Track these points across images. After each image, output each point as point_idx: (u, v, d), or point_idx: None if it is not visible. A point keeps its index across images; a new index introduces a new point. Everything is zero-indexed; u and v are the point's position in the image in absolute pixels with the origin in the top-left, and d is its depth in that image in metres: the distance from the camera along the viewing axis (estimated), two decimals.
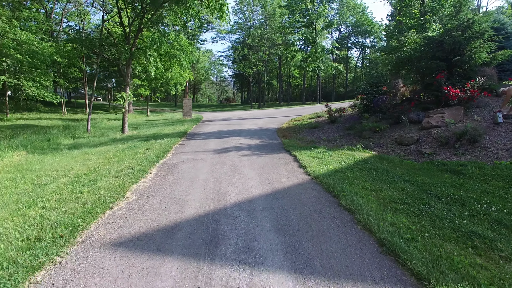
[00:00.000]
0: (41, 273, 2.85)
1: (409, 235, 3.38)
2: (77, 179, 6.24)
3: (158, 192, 5.19)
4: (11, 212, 4.56)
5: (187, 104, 20.02)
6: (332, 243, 3.34)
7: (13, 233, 3.70)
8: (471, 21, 9.34)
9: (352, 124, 11.37)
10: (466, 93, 8.82)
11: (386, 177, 5.72)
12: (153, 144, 9.89)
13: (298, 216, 4.05)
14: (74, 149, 10.53)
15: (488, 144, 6.94)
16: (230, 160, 7.43)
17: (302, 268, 2.87)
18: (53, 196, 5.19)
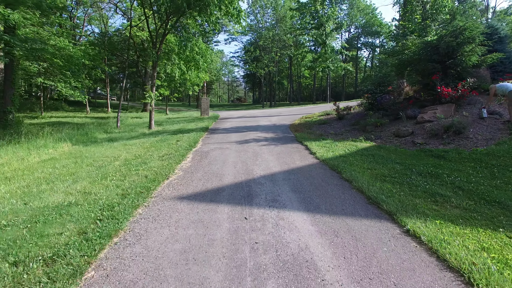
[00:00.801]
0: (139, 210, 4.31)
1: (389, 194, 4.73)
2: (128, 162, 7.75)
3: (199, 169, 6.64)
4: (90, 182, 6.07)
5: (204, 103, 21.55)
6: (333, 198, 4.71)
7: (104, 192, 5.19)
8: (463, 28, 10.52)
9: (358, 120, 12.64)
10: (458, 92, 10.01)
11: (381, 160, 7.05)
12: (181, 137, 11.39)
13: (309, 184, 5.44)
14: (111, 142, 12.09)
15: (471, 135, 8.18)
16: (251, 148, 8.85)
17: (312, 210, 4.26)
18: (116, 173, 6.69)
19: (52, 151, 10.74)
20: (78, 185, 5.82)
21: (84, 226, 3.76)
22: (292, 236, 3.46)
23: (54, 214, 4.26)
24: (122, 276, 2.75)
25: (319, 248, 3.19)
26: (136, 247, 3.26)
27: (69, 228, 3.70)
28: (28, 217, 4.20)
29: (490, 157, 6.67)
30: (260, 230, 3.62)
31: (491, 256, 2.95)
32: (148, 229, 3.71)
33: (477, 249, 3.07)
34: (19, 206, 4.76)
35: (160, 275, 2.75)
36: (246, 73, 60.72)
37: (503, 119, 8.85)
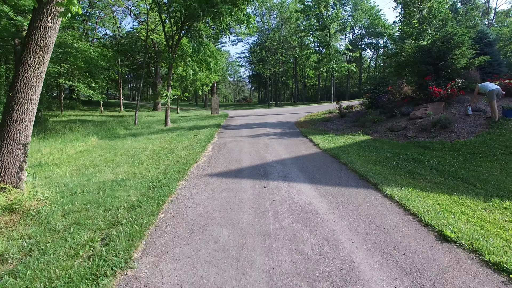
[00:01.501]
0: (181, 182, 5.58)
1: (377, 172, 5.94)
2: (157, 152, 9.03)
3: (220, 156, 7.90)
4: (130, 166, 7.34)
5: (214, 102, 22.84)
6: (332, 175, 5.94)
7: (147, 172, 6.47)
8: (453, 34, 11.66)
9: (358, 118, 13.82)
10: (447, 92, 11.16)
11: (375, 150, 8.25)
12: (198, 132, 12.67)
13: (313, 166, 6.67)
14: (134, 136, 13.40)
15: (455, 129, 9.34)
16: (262, 141, 10.10)
17: (315, 182, 5.49)
18: (150, 159, 7.96)
19: (83, 144, 12.09)
20: (121, 168, 7.11)
21: (143, 191, 5.04)
22: (299, 197, 4.70)
23: (115, 185, 5.55)
24: (183, 217, 4.01)
25: (319, 203, 4.42)
26: (187, 202, 4.53)
27: (133, 193, 4.98)
28: (95, 187, 5.49)
29: (467, 147, 7.84)
30: (276, 193, 4.86)
31: (441, 207, 4.16)
32: (192, 193, 4.97)
33: (433, 204, 4.28)
34: (82, 181, 6.06)
35: (209, 216, 4.01)
36: (252, 73, 61.99)
37: (485, 116, 9.99)
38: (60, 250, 3.16)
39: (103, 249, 3.11)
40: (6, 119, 4.73)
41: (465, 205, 4.31)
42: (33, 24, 4.93)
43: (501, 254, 2.91)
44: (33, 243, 3.39)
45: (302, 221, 3.80)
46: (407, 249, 3.11)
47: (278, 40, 44.47)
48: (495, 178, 5.59)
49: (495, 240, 3.20)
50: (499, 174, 5.82)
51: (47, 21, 4.97)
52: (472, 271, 2.73)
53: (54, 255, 3.07)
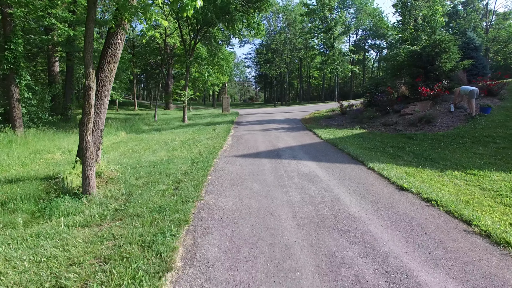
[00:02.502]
0: (215, 160, 7.33)
1: (365, 154, 7.63)
2: (185, 142, 10.79)
3: (240, 144, 9.65)
4: (167, 151, 9.11)
5: (225, 101, 24.63)
6: (330, 156, 7.65)
7: (184, 154, 8.23)
8: (440, 41, 13.28)
9: (357, 115, 15.47)
10: (434, 92, 12.77)
11: (367, 140, 9.94)
12: (215, 127, 14.44)
13: (315, 150, 8.40)
14: (158, 131, 15.20)
15: (438, 124, 10.98)
16: (273, 133, 11.84)
17: (317, 160, 7.20)
18: (181, 147, 9.72)
19: (115, 137, 13.91)
20: (160, 153, 8.88)
21: (189, 165, 6.80)
22: (305, 168, 6.43)
23: (164, 162, 7.32)
24: (225, 178, 5.76)
25: (319, 171, 6.15)
26: (224, 171, 6.28)
27: (181, 166, 6.74)
28: (148, 164, 7.26)
29: (444, 137, 9.50)
30: (287, 166, 6.60)
31: (407, 174, 5.86)
32: (226, 166, 6.73)
33: (401, 172, 5.98)
34: (135, 161, 7.83)
35: (242, 178, 5.76)
36: (258, 74, 63.77)
37: (465, 112, 11.60)
38: (149, 194, 4.92)
39: (179, 192, 4.88)
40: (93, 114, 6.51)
41: (425, 173, 6.01)
42: (108, 41, 6.68)
43: (433, 194, 4.61)
44: (127, 192, 5.15)
45: (307, 180, 5.54)
46: (375, 193, 4.82)
47: (284, 42, 46.17)
48: (456, 158, 7.27)
49: (433, 189, 4.91)
50: (460, 156, 7.49)
51: (118, 39, 6.73)
52: (412, 202, 4.45)
53: (147, 196, 4.83)
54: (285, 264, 2.84)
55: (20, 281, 2.61)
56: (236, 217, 3.92)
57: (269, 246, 3.17)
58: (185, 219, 3.76)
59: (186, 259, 2.93)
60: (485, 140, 8.64)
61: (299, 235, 3.39)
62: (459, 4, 43.39)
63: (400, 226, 3.65)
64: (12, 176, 6.64)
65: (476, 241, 3.27)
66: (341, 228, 3.59)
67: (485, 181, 5.41)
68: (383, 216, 3.94)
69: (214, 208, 4.25)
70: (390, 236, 3.38)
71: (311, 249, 3.09)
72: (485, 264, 2.84)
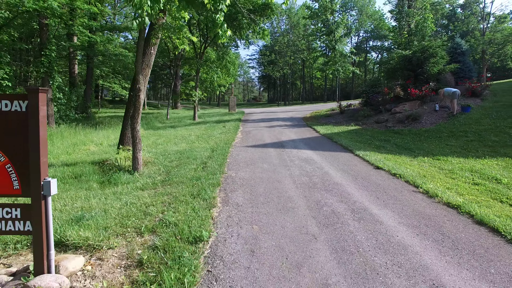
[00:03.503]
0: (230, 149, 8.90)
1: (355, 145, 9.15)
2: (200, 136, 12.35)
3: (249, 138, 11.20)
4: (187, 144, 10.66)
5: (232, 101, 26.21)
6: (325, 147, 9.18)
7: (203, 145, 9.79)
8: (429, 46, 14.75)
9: (353, 114, 16.97)
10: (422, 92, 14.24)
11: (359, 134, 11.45)
12: (225, 124, 16.00)
13: (314, 142, 9.93)
14: (173, 128, 16.77)
15: (423, 121, 12.45)
16: (277, 129, 13.38)
17: (314, 149, 8.74)
18: (198, 140, 11.28)
19: None
20: (181, 145, 10.45)
21: (209, 152, 8.36)
22: (304, 155, 7.97)
23: (187, 151, 8.88)
24: (240, 160, 7.31)
25: (315, 157, 7.68)
26: (239, 156, 7.84)
27: (204, 153, 8.30)
28: (174, 152, 8.81)
29: (426, 132, 10.99)
30: (289, 153, 8.14)
31: (385, 159, 7.37)
32: (240, 153, 8.29)
33: (380, 157, 7.49)
34: (162, 150, 9.40)
35: (254, 160, 7.30)
36: (261, 75, 65.33)
37: (449, 111, 13.06)
38: (184, 170, 6.47)
39: (208, 169, 6.44)
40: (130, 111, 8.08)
41: (400, 159, 7.52)
42: (144, 52, 8.21)
43: (399, 171, 6.13)
44: (166, 170, 6.71)
45: (305, 162, 7.08)
46: (356, 170, 6.35)
47: (287, 43, 47.68)
48: (430, 148, 8.77)
49: (401, 168, 6.43)
50: (434, 147, 8.99)
51: (151, 50, 8.26)
52: (382, 175, 5.97)
53: (183, 171, 6.38)
54: (287, 205, 4.39)
55: (120, 213, 4.16)
56: (253, 183, 5.48)
57: (277, 197, 4.72)
58: (217, 183, 5.33)
59: (223, 202, 4.49)
60: (459, 134, 10.12)
61: (297, 192, 4.94)
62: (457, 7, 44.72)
63: (368, 188, 5.18)
64: (65, 162, 8.22)
65: (417, 196, 4.80)
66: (326, 188, 5.13)
67: (445, 164, 6.91)
68: (358, 183, 5.47)
69: (236, 178, 5.81)
70: (360, 193, 4.91)
71: (304, 199, 4.64)
72: (418, 206, 4.36)
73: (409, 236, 3.45)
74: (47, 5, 11.50)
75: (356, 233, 3.50)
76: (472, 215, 3.97)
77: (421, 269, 2.81)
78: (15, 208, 2.57)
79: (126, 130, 8.44)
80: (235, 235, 3.47)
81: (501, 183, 5.45)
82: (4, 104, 2.49)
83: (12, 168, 2.54)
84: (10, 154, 2.54)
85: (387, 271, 2.78)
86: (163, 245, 3.16)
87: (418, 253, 3.09)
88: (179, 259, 2.87)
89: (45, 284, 2.39)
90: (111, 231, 3.55)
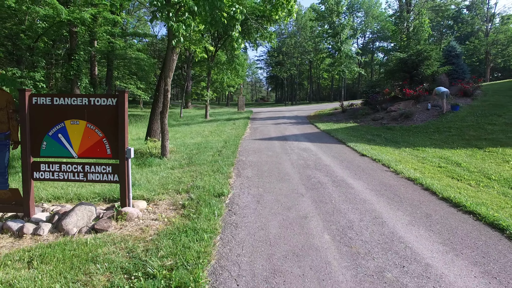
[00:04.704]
0: (240, 141, 10.35)
1: (349, 139, 10.51)
2: (213, 132, 13.83)
3: (256, 133, 12.64)
4: (202, 138, 12.14)
5: (241, 101, 27.70)
6: (322, 140, 10.56)
7: (217, 138, 11.28)
8: (423, 50, 15.96)
9: (354, 112, 18.26)
10: (416, 93, 15.47)
11: (355, 130, 12.78)
12: (235, 122, 17.48)
13: (314, 137, 11.32)
14: (187, 125, 18.29)
15: (414, 119, 13.71)
16: (282, 126, 14.80)
17: (312, 142, 10.13)
18: (212, 135, 12.76)
19: None
20: (197, 138, 11.94)
21: (223, 143, 9.82)
22: (303, 145, 9.38)
23: (204, 143, 10.36)
24: (249, 149, 8.76)
25: (313, 148, 9.08)
26: (248, 146, 9.29)
27: (218, 144, 9.77)
28: (192, 144, 10.30)
29: (415, 128, 12.27)
30: (291, 144, 9.56)
31: (372, 149, 8.72)
32: (249, 144, 9.73)
33: (368, 148, 8.85)
34: (181, 142, 10.89)
35: (261, 149, 8.74)
36: (269, 75, 66.75)
37: (440, 110, 14.28)
38: (203, 156, 7.94)
39: (223, 155, 7.90)
40: (157, 107, 9.61)
41: (385, 149, 8.86)
42: (166, 58, 9.71)
43: (379, 157, 7.48)
44: (188, 156, 8.19)
45: (303, 151, 8.49)
46: (344, 157, 7.73)
47: (294, 45, 48.98)
48: (414, 141, 10.08)
49: (383, 155, 7.78)
50: (419, 140, 10.28)
51: (174, 56, 9.74)
52: (365, 160, 7.34)
53: (203, 157, 7.85)
54: (285, 177, 5.82)
55: (160, 182, 5.63)
56: (259, 164, 6.92)
57: (277, 173, 6.15)
58: (231, 164, 6.79)
59: (236, 175, 5.95)
60: (443, 130, 11.38)
61: (293, 170, 6.37)
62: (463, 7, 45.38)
63: (350, 168, 6.57)
64: None
65: (387, 173, 6.17)
66: (317, 168, 6.54)
67: (422, 153, 8.25)
68: (343, 165, 6.86)
69: (246, 161, 7.27)
70: (342, 171, 6.31)
71: (298, 174, 6.06)
72: (384, 179, 5.74)
73: (370, 195, 4.85)
74: (80, 16, 13.12)
75: (332, 193, 4.91)
76: (423, 185, 5.34)
77: (371, 211, 4.22)
78: (108, 166, 4.06)
79: (152, 124, 9.99)
80: (246, 193, 4.93)
81: (460, 166, 6.78)
82: (102, 100, 3.98)
83: (107, 141, 4.03)
84: (105, 132, 4.02)
85: (348, 211, 4.19)
86: (196, 197, 4.62)
87: (372, 203, 4.49)
88: (209, 204, 4.32)
89: (129, 210, 3.88)
90: (157, 191, 5.03)
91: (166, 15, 6.03)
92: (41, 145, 4.04)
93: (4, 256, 3.03)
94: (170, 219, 3.91)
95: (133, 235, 3.48)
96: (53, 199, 4.87)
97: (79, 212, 3.83)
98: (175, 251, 3.03)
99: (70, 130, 4.02)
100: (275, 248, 3.21)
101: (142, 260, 2.90)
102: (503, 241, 3.34)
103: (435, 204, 4.47)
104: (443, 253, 3.08)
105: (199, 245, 3.15)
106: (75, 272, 2.72)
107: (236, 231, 3.59)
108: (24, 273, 2.69)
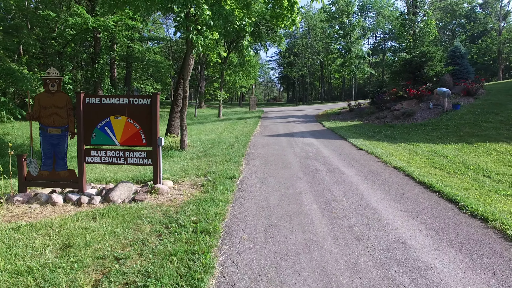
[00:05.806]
0: (251, 137, 11.37)
1: (350, 135, 11.38)
2: (226, 129, 14.90)
3: (266, 130, 13.63)
4: (216, 134, 13.22)
5: (252, 100, 28.74)
6: (326, 136, 11.47)
7: (228, 135, 12.33)
8: (427, 51, 16.61)
9: (360, 112, 19.01)
10: (419, 92, 16.14)
11: (359, 128, 13.61)
12: (246, 120, 18.51)
13: (319, 133, 12.24)
14: (201, 123, 19.43)
15: (416, 117, 14.42)
16: (290, 124, 15.74)
17: (317, 138, 11.06)
18: (225, 132, 13.81)
19: None
20: (211, 135, 13.01)
21: (235, 139, 10.86)
22: (307, 141, 10.31)
23: (217, 138, 11.41)
24: (258, 143, 9.76)
25: (316, 143, 10.01)
26: (258, 141, 10.29)
27: (230, 140, 10.80)
28: (207, 139, 11.37)
29: (416, 126, 13.02)
30: (297, 140, 10.51)
31: (369, 144, 9.59)
32: (258, 139, 10.74)
33: (367, 143, 9.72)
34: (197, 138, 11.98)
35: (269, 144, 9.73)
36: (281, 75, 67.61)
37: (441, 108, 14.94)
38: (218, 149, 8.98)
39: (235, 148, 8.93)
40: (176, 106, 10.72)
41: (382, 144, 9.71)
42: (185, 63, 10.80)
43: (374, 150, 8.36)
44: (204, 150, 9.25)
45: (306, 145, 9.43)
46: (343, 150, 8.64)
47: (305, 46, 49.71)
48: (411, 138, 10.87)
49: (378, 149, 8.65)
50: (416, 137, 11.05)
51: (191, 60, 10.83)
52: (361, 153, 8.23)
53: (217, 150, 8.89)
54: (287, 166, 6.79)
55: (182, 169, 6.69)
56: (266, 155, 7.92)
57: (281, 162, 7.13)
58: (242, 155, 7.81)
59: (246, 164, 6.97)
60: (441, 127, 12.11)
61: (296, 160, 7.34)
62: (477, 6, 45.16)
63: (346, 159, 7.49)
64: None
65: (377, 163, 7.07)
66: (316, 158, 7.49)
67: (415, 148, 9.07)
68: (340, 157, 7.78)
69: (255, 153, 8.28)
70: (338, 161, 7.24)
71: (299, 163, 7.03)
72: (373, 167, 6.64)
73: (357, 179, 5.78)
74: (105, 24, 14.40)
75: (325, 177, 5.87)
76: (405, 172, 6.23)
77: (354, 190, 5.15)
78: (143, 152, 5.13)
79: (171, 122, 11.11)
80: (253, 176, 5.94)
81: (445, 158, 7.61)
82: (139, 100, 5.05)
83: (142, 132, 5.10)
84: (142, 125, 5.09)
85: (336, 190, 5.14)
86: (213, 179, 5.65)
87: (358, 185, 5.42)
88: (223, 183, 5.35)
89: (160, 187, 4.94)
90: (180, 175, 6.09)
91: (186, 29, 7.11)
92: (91, 135, 5.14)
93: (74, 215, 4.13)
94: (192, 194, 4.96)
95: (165, 204, 4.54)
96: (95, 182, 5.99)
97: (121, 187, 4.92)
98: (198, 212, 4.06)
99: (114, 124, 5.10)
100: (273, 212, 4.21)
101: (174, 217, 3.94)
102: (454, 210, 4.24)
103: (410, 185, 5.37)
104: (403, 217, 4.01)
105: (216, 209, 4.17)
106: (127, 224, 3.78)
107: (244, 202, 4.61)
108: (92, 223, 3.77)
